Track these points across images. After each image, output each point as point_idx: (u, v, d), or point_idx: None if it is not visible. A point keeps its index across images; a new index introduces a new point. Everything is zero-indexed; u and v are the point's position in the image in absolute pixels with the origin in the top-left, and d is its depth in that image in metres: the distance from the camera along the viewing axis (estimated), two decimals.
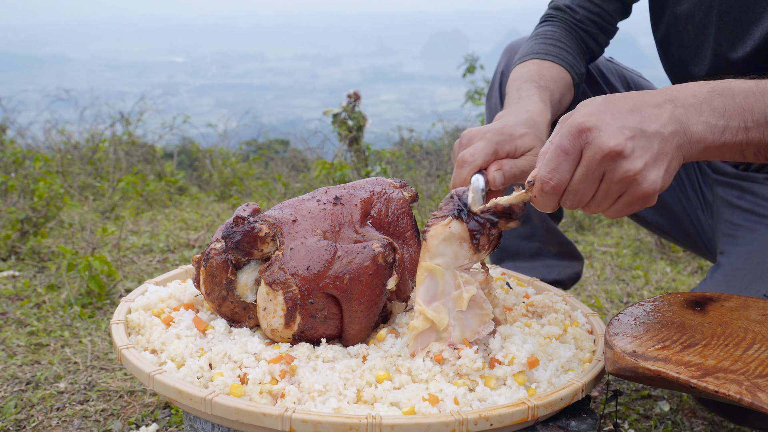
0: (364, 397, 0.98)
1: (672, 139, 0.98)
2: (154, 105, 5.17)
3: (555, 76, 1.43)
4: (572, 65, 1.48)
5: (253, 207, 1.17)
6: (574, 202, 0.99)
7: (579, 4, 1.55)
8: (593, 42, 1.56)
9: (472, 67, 6.25)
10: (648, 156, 0.96)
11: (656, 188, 0.97)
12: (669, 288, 2.46)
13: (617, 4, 1.55)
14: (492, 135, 1.18)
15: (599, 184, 0.97)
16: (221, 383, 0.98)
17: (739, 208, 1.49)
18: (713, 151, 1.02)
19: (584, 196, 0.98)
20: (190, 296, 1.24)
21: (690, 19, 1.47)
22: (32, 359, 1.73)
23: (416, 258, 1.21)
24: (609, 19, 1.55)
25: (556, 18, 1.57)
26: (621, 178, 0.96)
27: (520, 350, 1.05)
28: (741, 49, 1.41)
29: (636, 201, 0.98)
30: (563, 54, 1.48)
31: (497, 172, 1.16)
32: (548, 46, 1.49)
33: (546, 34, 1.53)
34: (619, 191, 0.97)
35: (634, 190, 0.96)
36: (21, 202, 2.82)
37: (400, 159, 4.51)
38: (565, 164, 0.97)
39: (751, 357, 0.96)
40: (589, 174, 0.97)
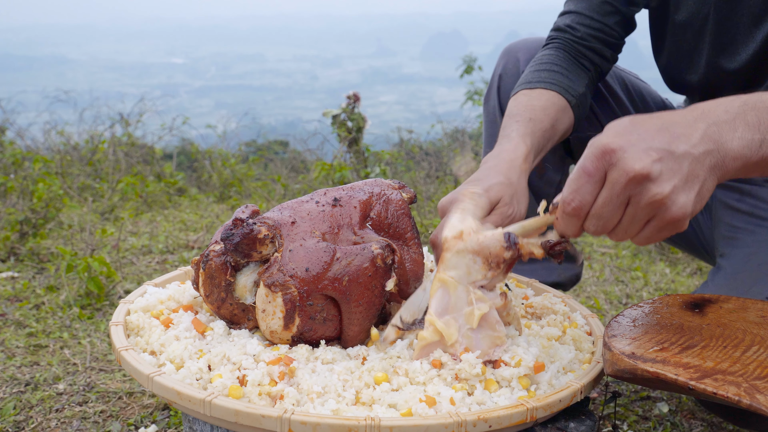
0: (363, 399, 0.98)
1: (704, 159, 0.94)
2: (154, 106, 5.17)
3: (544, 104, 1.43)
4: (566, 87, 1.48)
5: (252, 209, 1.17)
6: (598, 227, 0.96)
7: (579, 22, 1.55)
8: (598, 57, 1.56)
9: (470, 68, 6.25)
10: (677, 179, 0.92)
11: (687, 213, 0.93)
12: (668, 289, 2.46)
13: (618, 16, 1.54)
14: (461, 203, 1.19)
15: (625, 209, 0.94)
16: (220, 385, 0.98)
17: (738, 210, 1.50)
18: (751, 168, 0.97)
19: (609, 221, 0.95)
20: (189, 298, 1.24)
21: (688, 27, 1.48)
22: (31, 360, 1.73)
23: (417, 259, 1.21)
24: (611, 32, 1.55)
25: (556, 39, 1.57)
26: (648, 202, 0.92)
27: (526, 353, 1.05)
28: (736, 59, 1.41)
29: (666, 226, 0.94)
30: (557, 78, 1.48)
31: None
32: (541, 73, 1.49)
33: (542, 60, 1.53)
34: (647, 216, 0.94)
35: (663, 215, 0.93)
36: (20, 203, 2.82)
37: (399, 160, 4.52)
38: (587, 186, 0.95)
39: (750, 359, 0.96)
40: (613, 198, 0.93)
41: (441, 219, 1.23)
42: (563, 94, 1.47)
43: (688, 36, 1.49)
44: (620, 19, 1.55)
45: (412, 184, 3.89)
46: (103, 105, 5.26)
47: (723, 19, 1.41)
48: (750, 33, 1.38)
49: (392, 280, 1.11)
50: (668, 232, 0.95)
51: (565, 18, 1.58)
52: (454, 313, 1.06)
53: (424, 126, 6.02)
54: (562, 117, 1.46)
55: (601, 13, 1.54)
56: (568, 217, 0.97)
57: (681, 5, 1.48)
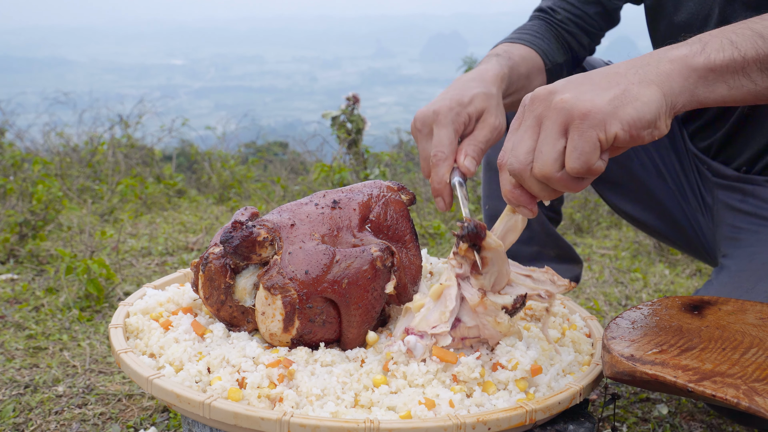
0: (362, 401, 0.98)
1: (626, 72, 0.90)
2: (153, 107, 5.18)
3: (522, 54, 1.46)
4: (545, 51, 1.51)
5: (252, 211, 1.17)
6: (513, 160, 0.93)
7: (560, 6, 1.60)
8: (575, 41, 1.60)
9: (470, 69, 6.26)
10: (585, 86, 0.89)
11: (596, 105, 0.87)
12: (667, 290, 2.46)
13: (598, 7, 1.59)
14: (444, 116, 1.18)
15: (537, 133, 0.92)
16: (219, 387, 0.98)
17: (741, 211, 1.50)
18: (704, 74, 0.91)
19: (519, 147, 0.92)
20: (188, 300, 1.24)
21: (688, 28, 1.48)
22: (31, 363, 1.73)
23: (416, 262, 1.21)
24: (591, 21, 1.59)
25: (538, 18, 1.62)
26: (553, 107, 0.89)
27: (524, 356, 1.05)
28: None
29: (582, 125, 0.87)
30: (536, 41, 1.52)
31: (467, 159, 1.18)
32: (522, 34, 1.53)
33: (524, 27, 1.58)
34: (557, 122, 0.89)
35: (572, 111, 0.88)
36: (20, 205, 2.82)
37: (398, 162, 4.52)
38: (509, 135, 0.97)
39: (749, 361, 0.96)
40: (522, 123, 0.93)
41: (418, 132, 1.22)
42: (541, 56, 1.50)
43: (687, 37, 1.49)
44: (600, 11, 1.59)
45: (411, 186, 3.89)
46: (102, 106, 5.26)
47: (722, 19, 1.41)
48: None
49: (392, 282, 1.11)
50: (591, 131, 0.87)
51: (546, 1, 1.64)
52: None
53: None
54: (536, 74, 1.49)
55: (582, 2, 1.59)
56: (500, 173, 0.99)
57: (681, 6, 1.48)
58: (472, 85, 1.23)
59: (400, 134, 5.37)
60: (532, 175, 0.93)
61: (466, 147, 1.19)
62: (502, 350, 1.07)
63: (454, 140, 1.18)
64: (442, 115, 1.18)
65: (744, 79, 0.93)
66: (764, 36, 0.93)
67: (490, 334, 1.07)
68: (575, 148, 0.88)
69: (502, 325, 1.06)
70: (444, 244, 2.96)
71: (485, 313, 1.06)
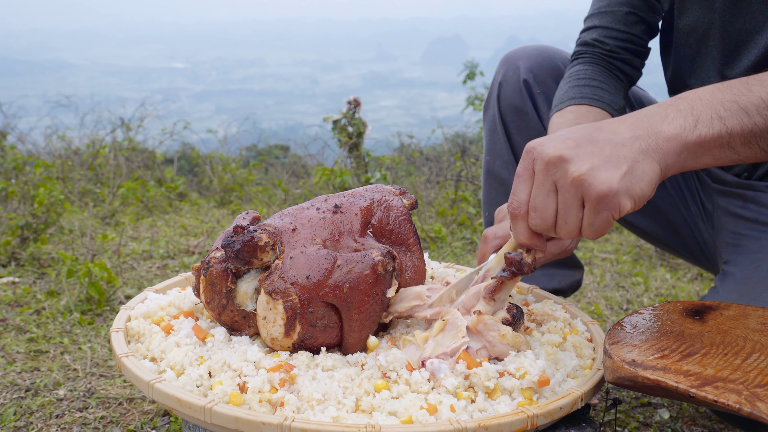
0: (363, 406, 0.98)
1: (631, 144, 0.96)
2: (155, 111, 5.18)
3: (594, 119, 1.43)
4: (609, 102, 1.48)
5: (253, 215, 1.17)
6: (539, 221, 0.99)
7: (607, 36, 1.55)
8: (629, 68, 1.57)
9: (472, 73, 6.26)
10: (597, 159, 0.94)
11: (612, 186, 0.93)
12: (669, 295, 2.46)
13: (643, 25, 1.55)
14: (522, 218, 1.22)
15: (556, 197, 0.97)
16: (220, 392, 0.98)
17: (742, 217, 1.49)
18: (694, 149, 0.99)
19: (545, 212, 0.98)
20: (189, 304, 1.24)
21: (692, 33, 1.48)
22: (32, 366, 1.73)
23: (419, 265, 1.21)
24: (639, 41, 1.56)
25: (586, 54, 1.57)
26: (570, 182, 0.94)
27: (533, 365, 1.05)
28: (739, 65, 1.41)
29: (598, 206, 0.94)
30: (599, 93, 1.48)
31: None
32: (582, 88, 1.49)
33: (578, 75, 1.53)
34: (576, 199, 0.95)
35: (589, 192, 0.94)
36: (21, 208, 2.83)
37: (400, 165, 4.52)
38: (519, 186, 1.00)
39: (751, 366, 0.96)
40: (540, 186, 0.97)
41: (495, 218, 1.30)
42: (607, 110, 1.48)
43: (691, 41, 1.49)
44: (645, 28, 1.56)
45: (412, 189, 3.89)
46: (104, 110, 5.26)
47: (727, 25, 1.41)
48: (753, 40, 1.38)
49: (393, 287, 1.11)
50: (605, 212, 0.95)
51: (590, 33, 1.58)
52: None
53: (425, 131, 6.02)
54: None
55: (628, 24, 1.54)
56: (513, 220, 1.02)
57: (685, 11, 1.48)
58: None
59: (401, 138, 5.37)
60: (554, 234, 1.00)
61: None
62: (510, 357, 1.07)
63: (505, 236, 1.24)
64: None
65: (728, 151, 1.01)
66: (749, 112, 1.00)
67: (500, 351, 1.08)
68: (591, 224, 0.96)
69: (507, 337, 1.08)
70: (445, 248, 2.96)
71: (487, 329, 1.07)
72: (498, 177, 1.72)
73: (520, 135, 1.67)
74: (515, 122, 1.66)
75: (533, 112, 1.64)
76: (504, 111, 1.67)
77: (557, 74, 1.65)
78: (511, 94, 1.65)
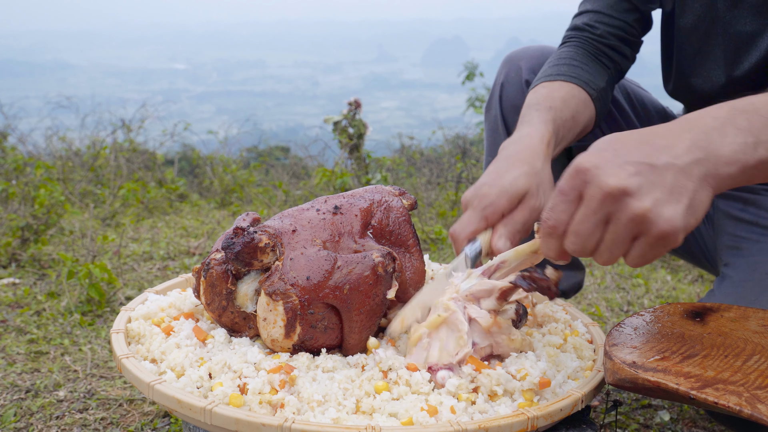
0: (363, 408, 0.98)
1: (691, 169, 0.88)
2: (155, 112, 5.18)
3: (564, 95, 1.42)
4: (587, 81, 1.47)
5: (253, 216, 1.17)
6: (578, 246, 0.92)
7: (598, 20, 1.55)
8: (617, 55, 1.56)
9: (472, 74, 6.26)
10: (659, 191, 0.86)
11: (676, 226, 0.86)
12: (669, 296, 2.46)
13: (636, 14, 1.54)
14: (479, 202, 1.19)
15: (605, 227, 0.90)
16: (221, 393, 0.98)
17: (742, 220, 1.49)
18: (750, 172, 0.92)
19: (587, 240, 0.91)
20: (190, 305, 1.24)
21: (693, 31, 1.48)
22: (32, 367, 1.73)
23: (418, 266, 1.21)
24: (630, 30, 1.55)
25: (574, 38, 1.57)
26: (630, 218, 0.87)
27: (534, 367, 1.05)
28: (745, 63, 1.41)
29: (656, 243, 0.87)
30: (576, 71, 1.47)
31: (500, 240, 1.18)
32: (560, 67, 1.48)
33: (560, 55, 1.53)
34: (631, 234, 0.88)
35: (650, 230, 0.87)
36: (22, 209, 2.83)
37: (400, 166, 4.52)
38: (561, 204, 0.92)
39: (751, 368, 0.96)
40: (589, 215, 0.90)
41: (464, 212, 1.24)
42: (583, 87, 1.45)
43: (693, 40, 1.49)
44: (639, 17, 1.55)
45: (413, 191, 3.89)
46: (104, 111, 5.27)
47: (727, 24, 1.41)
48: (754, 39, 1.38)
49: (394, 288, 1.11)
50: (661, 248, 0.89)
51: (582, 17, 1.58)
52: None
53: (425, 132, 6.02)
54: (582, 109, 1.44)
55: (620, 11, 1.54)
56: (547, 237, 0.95)
57: (686, 10, 1.48)
58: (516, 164, 1.22)
59: (402, 139, 5.37)
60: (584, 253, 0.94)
61: (501, 228, 1.19)
62: (511, 359, 1.07)
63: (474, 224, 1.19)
64: (477, 200, 1.19)
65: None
66: None
67: (504, 351, 1.08)
68: (642, 255, 0.90)
69: (516, 341, 1.07)
70: (445, 249, 2.96)
71: (500, 332, 1.07)
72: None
73: None
74: (517, 123, 1.66)
75: None
76: (506, 112, 1.66)
77: None
78: (513, 95, 1.65)
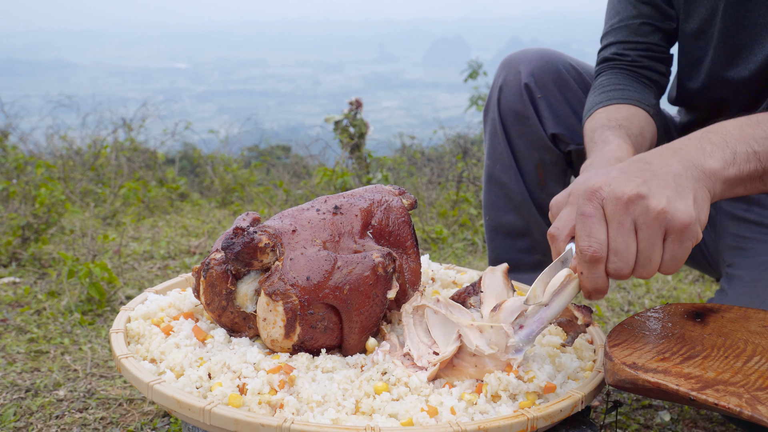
0: (362, 408, 0.97)
1: (686, 173, 0.97)
2: (157, 111, 5.18)
3: (624, 115, 1.43)
4: (639, 99, 1.48)
5: (253, 216, 1.17)
6: (620, 264, 0.96)
7: (626, 48, 1.55)
8: (654, 74, 1.56)
9: (475, 73, 6.26)
10: (669, 191, 0.95)
11: (692, 216, 0.94)
12: (670, 297, 2.46)
13: (659, 33, 1.55)
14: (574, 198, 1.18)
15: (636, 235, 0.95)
16: (220, 393, 0.98)
17: (745, 220, 1.49)
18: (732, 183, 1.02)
19: (627, 253, 0.95)
20: (189, 305, 1.24)
21: (699, 37, 1.48)
22: (32, 366, 1.73)
23: (415, 268, 1.21)
24: (658, 49, 1.55)
25: (608, 69, 1.57)
26: (654, 217, 0.93)
27: (541, 370, 1.05)
28: (743, 69, 1.41)
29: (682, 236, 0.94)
30: (626, 93, 1.48)
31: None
32: (609, 92, 1.49)
33: (603, 83, 1.53)
34: (660, 232, 0.94)
35: (673, 223, 0.94)
36: (22, 208, 2.83)
37: (401, 166, 4.52)
38: (595, 227, 0.96)
39: (752, 369, 0.96)
40: (620, 227, 0.95)
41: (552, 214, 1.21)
42: (640, 106, 1.47)
43: (699, 44, 1.49)
44: (662, 36, 1.55)
45: (414, 190, 3.89)
46: (105, 110, 5.27)
47: (730, 28, 1.41)
48: (757, 43, 1.38)
49: (394, 289, 1.11)
50: (687, 242, 0.95)
51: (609, 49, 1.58)
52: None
53: (427, 131, 6.02)
54: (646, 126, 1.45)
55: (644, 35, 1.54)
56: (591, 265, 0.96)
57: (691, 15, 1.48)
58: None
59: (403, 138, 5.37)
60: (628, 271, 0.97)
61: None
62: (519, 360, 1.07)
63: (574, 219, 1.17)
64: (573, 196, 1.18)
65: (759, 183, 1.05)
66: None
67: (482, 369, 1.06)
68: (674, 256, 0.96)
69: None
70: (446, 249, 2.96)
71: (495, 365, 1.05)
72: (498, 181, 1.72)
73: (520, 139, 1.67)
74: (516, 126, 1.66)
75: (534, 117, 1.64)
76: (504, 115, 1.66)
77: (558, 78, 1.64)
78: (511, 99, 1.64)
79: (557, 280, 1.02)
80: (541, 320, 1.03)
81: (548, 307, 1.04)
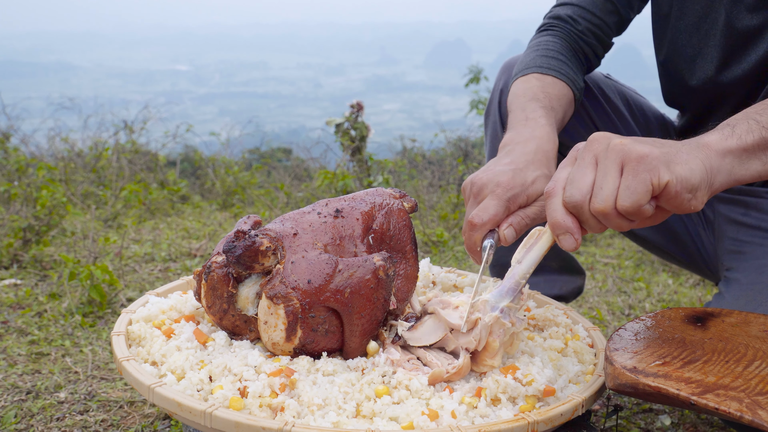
0: (363, 412, 0.97)
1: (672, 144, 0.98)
2: (158, 113, 5.19)
3: (558, 93, 1.43)
4: (573, 80, 1.48)
5: (254, 219, 1.17)
6: (573, 191, 0.97)
7: (581, 15, 1.56)
8: (592, 53, 1.57)
9: (476, 78, 6.26)
10: (638, 141, 0.96)
11: (653, 152, 0.94)
12: (670, 300, 2.46)
13: (616, 17, 1.56)
14: (503, 191, 1.18)
15: (595, 170, 0.97)
16: (221, 396, 0.98)
17: (744, 224, 1.49)
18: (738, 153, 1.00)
19: (581, 181, 0.97)
20: (191, 308, 1.24)
21: (695, 32, 1.48)
22: (33, 368, 1.73)
23: (410, 274, 1.21)
24: (608, 31, 1.57)
25: (556, 28, 1.57)
26: (611, 148, 0.95)
27: (540, 374, 1.05)
28: (738, 67, 1.41)
29: (638, 167, 0.94)
30: (564, 68, 1.48)
31: (508, 229, 1.18)
32: (549, 59, 1.49)
33: (547, 45, 1.53)
34: (615, 162, 0.95)
35: (629, 154, 0.94)
36: (24, 210, 2.83)
37: (402, 169, 4.52)
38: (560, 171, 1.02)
39: (752, 374, 0.96)
40: (581, 161, 0.98)
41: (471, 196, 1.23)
42: (571, 87, 1.47)
43: (694, 41, 1.49)
44: (618, 20, 1.57)
45: (414, 193, 3.89)
46: (107, 112, 5.28)
47: (728, 26, 1.41)
48: (753, 41, 1.38)
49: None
50: (645, 174, 0.93)
51: (565, 8, 1.58)
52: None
53: (428, 134, 6.02)
54: (569, 110, 1.47)
55: (603, 11, 1.55)
56: (548, 200, 1.01)
57: (686, 11, 1.48)
58: (535, 164, 1.25)
59: (404, 141, 5.37)
60: (589, 209, 0.98)
61: (512, 218, 1.20)
62: (520, 362, 1.07)
63: (500, 214, 1.18)
64: (501, 188, 1.19)
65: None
66: None
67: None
68: (628, 187, 0.94)
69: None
70: (447, 252, 2.96)
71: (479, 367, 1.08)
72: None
73: None
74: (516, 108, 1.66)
75: None
76: (505, 118, 1.66)
77: None
78: None
79: (528, 240, 1.08)
80: (513, 276, 1.07)
81: (520, 263, 1.07)
